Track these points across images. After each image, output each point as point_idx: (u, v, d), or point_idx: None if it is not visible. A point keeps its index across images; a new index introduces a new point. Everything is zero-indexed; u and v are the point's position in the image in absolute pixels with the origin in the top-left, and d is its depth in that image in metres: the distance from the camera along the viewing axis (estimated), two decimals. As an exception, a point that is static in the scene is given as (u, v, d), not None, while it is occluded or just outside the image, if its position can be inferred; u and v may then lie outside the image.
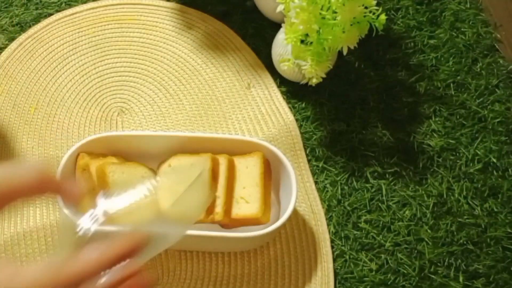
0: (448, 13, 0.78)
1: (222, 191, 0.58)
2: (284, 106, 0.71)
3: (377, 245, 0.64)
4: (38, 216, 0.63)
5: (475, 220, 0.65)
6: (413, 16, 0.78)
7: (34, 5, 0.76)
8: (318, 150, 0.69)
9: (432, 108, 0.72)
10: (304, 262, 0.63)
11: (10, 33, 0.74)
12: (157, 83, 0.72)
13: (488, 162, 0.69)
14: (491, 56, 0.76)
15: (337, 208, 0.66)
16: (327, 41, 0.62)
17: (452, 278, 0.62)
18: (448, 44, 0.76)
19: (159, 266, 0.62)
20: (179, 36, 0.75)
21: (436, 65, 0.75)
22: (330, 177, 0.67)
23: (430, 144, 0.70)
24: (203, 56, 0.74)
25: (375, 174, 0.67)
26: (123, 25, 0.76)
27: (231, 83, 0.72)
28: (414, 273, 0.62)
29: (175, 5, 0.77)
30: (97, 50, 0.74)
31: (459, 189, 0.67)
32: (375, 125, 0.70)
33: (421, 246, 0.64)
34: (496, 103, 0.72)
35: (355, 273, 0.62)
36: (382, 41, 0.75)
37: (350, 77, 0.73)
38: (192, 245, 0.61)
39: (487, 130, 0.71)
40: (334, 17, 0.60)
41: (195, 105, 0.71)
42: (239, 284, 0.61)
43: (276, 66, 0.72)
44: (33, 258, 0.61)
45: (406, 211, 0.66)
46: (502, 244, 0.64)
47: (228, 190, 0.58)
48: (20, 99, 0.70)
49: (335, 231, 0.64)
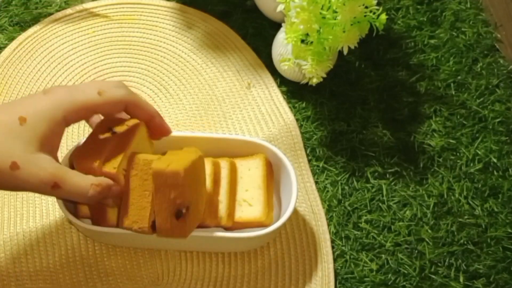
0: (448, 13, 0.78)
1: (225, 195, 0.58)
2: (284, 106, 0.71)
3: (378, 245, 0.64)
4: (38, 216, 0.63)
5: (475, 220, 0.65)
6: (413, 16, 0.78)
7: (34, 4, 0.76)
8: (319, 150, 0.68)
9: (432, 108, 0.72)
10: (304, 262, 0.62)
11: (9, 32, 0.74)
12: (157, 83, 0.72)
13: (489, 162, 0.69)
14: (492, 56, 0.76)
15: (337, 208, 0.65)
16: (328, 40, 0.61)
17: (452, 278, 0.62)
18: (449, 44, 0.76)
19: (159, 266, 0.61)
20: (179, 36, 0.75)
21: (437, 65, 0.75)
22: (330, 177, 0.67)
23: (431, 144, 0.69)
24: (203, 56, 0.74)
25: (376, 174, 0.67)
26: (123, 25, 0.75)
27: (231, 83, 0.72)
28: (415, 273, 0.62)
29: (175, 5, 0.77)
30: (97, 50, 0.74)
31: (460, 189, 0.67)
32: (375, 125, 0.70)
33: (421, 246, 0.64)
34: (496, 103, 0.72)
35: (356, 273, 0.62)
36: (383, 41, 0.75)
37: (350, 77, 0.73)
38: (192, 245, 0.61)
39: (488, 130, 0.71)
40: (335, 17, 0.60)
41: (195, 105, 0.71)
42: (239, 285, 0.61)
43: (277, 66, 0.72)
44: (33, 258, 0.61)
45: (407, 211, 0.65)
46: (502, 244, 0.64)
47: (231, 193, 0.58)
48: (20, 99, 0.70)
49: (336, 231, 0.64)
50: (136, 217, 0.51)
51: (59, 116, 0.48)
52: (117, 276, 0.61)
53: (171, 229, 0.50)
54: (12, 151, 0.46)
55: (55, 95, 0.49)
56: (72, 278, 0.60)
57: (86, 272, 0.61)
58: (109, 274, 0.61)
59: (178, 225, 0.50)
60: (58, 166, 0.48)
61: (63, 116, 0.48)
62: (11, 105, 0.49)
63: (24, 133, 0.46)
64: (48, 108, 0.48)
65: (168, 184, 0.49)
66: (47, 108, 0.48)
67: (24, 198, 0.64)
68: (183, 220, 0.50)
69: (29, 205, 0.64)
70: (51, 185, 0.47)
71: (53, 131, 0.48)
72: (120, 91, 0.51)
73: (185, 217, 0.50)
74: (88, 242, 0.62)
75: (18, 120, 0.47)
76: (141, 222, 0.51)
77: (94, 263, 0.61)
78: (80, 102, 0.49)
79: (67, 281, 0.60)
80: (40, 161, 0.47)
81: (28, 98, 0.49)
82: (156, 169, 0.49)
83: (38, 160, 0.47)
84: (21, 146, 0.46)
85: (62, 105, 0.48)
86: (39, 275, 0.60)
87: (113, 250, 0.62)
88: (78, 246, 0.62)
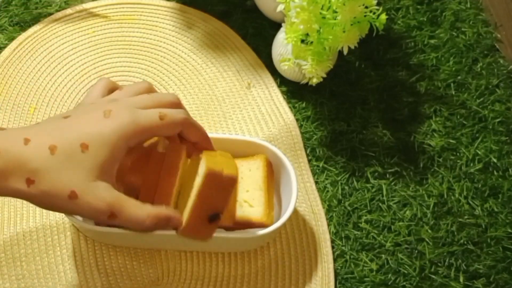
0: (448, 13, 0.78)
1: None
2: (284, 106, 0.71)
3: (378, 245, 0.64)
4: (38, 216, 0.63)
5: (475, 220, 0.65)
6: (413, 16, 0.78)
7: (34, 4, 0.76)
8: (319, 150, 0.68)
9: (432, 108, 0.72)
10: (304, 262, 0.62)
11: (9, 32, 0.74)
12: (157, 83, 0.72)
13: (489, 162, 0.69)
14: (492, 56, 0.76)
15: (337, 208, 0.65)
16: (328, 40, 0.61)
17: (452, 278, 0.62)
18: (449, 44, 0.76)
19: (159, 266, 0.61)
20: (179, 36, 0.75)
21: (437, 65, 0.75)
22: (330, 177, 0.67)
23: (431, 144, 0.69)
24: (203, 56, 0.74)
25: (376, 174, 0.67)
26: (123, 25, 0.75)
27: (231, 83, 0.72)
28: (415, 273, 0.62)
29: (175, 5, 0.77)
30: (97, 50, 0.74)
31: (460, 189, 0.67)
32: (375, 125, 0.70)
33: (421, 246, 0.64)
34: (496, 103, 0.72)
35: (356, 273, 0.62)
36: (383, 41, 0.75)
37: (350, 77, 0.73)
38: (192, 245, 0.61)
39: (488, 130, 0.71)
40: (335, 17, 0.60)
41: (195, 105, 0.71)
42: (239, 285, 0.61)
43: (277, 66, 0.72)
44: (33, 258, 0.61)
45: (407, 211, 0.65)
46: (502, 244, 0.64)
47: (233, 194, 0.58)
48: (20, 99, 0.70)
49: (336, 231, 0.64)
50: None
51: (122, 142, 0.46)
52: (117, 276, 0.61)
53: (199, 230, 0.51)
54: (72, 180, 0.45)
55: (118, 119, 0.47)
56: (72, 278, 0.60)
57: (86, 272, 0.61)
58: (109, 274, 0.61)
59: (207, 228, 0.51)
60: (116, 195, 0.46)
61: (125, 142, 0.47)
62: (68, 127, 0.46)
63: (85, 161, 0.45)
64: (110, 133, 0.46)
65: (219, 187, 0.49)
66: (109, 134, 0.46)
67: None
68: (214, 224, 0.50)
69: (29, 205, 0.64)
70: (108, 215, 0.46)
71: (114, 158, 0.46)
72: (180, 114, 0.50)
73: (217, 222, 0.50)
74: (88, 242, 0.62)
75: (80, 147, 0.45)
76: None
77: (94, 263, 0.61)
78: (143, 127, 0.47)
79: (68, 281, 0.60)
80: (99, 190, 0.45)
81: (87, 121, 0.47)
82: (212, 169, 0.49)
83: (97, 189, 0.45)
84: (82, 174, 0.45)
85: (124, 131, 0.46)
86: (39, 275, 0.60)
87: (113, 250, 0.62)
88: (78, 246, 0.62)
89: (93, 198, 0.45)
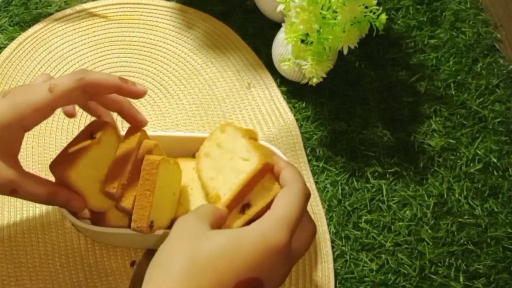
0: (448, 13, 0.78)
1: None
2: (284, 106, 0.71)
3: (378, 245, 0.64)
4: (38, 216, 0.63)
5: (475, 220, 0.65)
6: (413, 16, 0.78)
7: (34, 4, 0.76)
8: (319, 150, 0.68)
9: (432, 108, 0.72)
10: (304, 262, 0.62)
11: (9, 32, 0.74)
12: (157, 83, 0.72)
13: (489, 162, 0.69)
14: (492, 56, 0.76)
15: (337, 208, 0.65)
16: (328, 40, 0.61)
17: (452, 278, 0.62)
18: (449, 44, 0.76)
19: (159, 266, 0.61)
20: (179, 36, 0.75)
21: (437, 64, 0.75)
22: (330, 177, 0.67)
23: (431, 144, 0.69)
24: (203, 56, 0.74)
25: (376, 174, 0.67)
26: (123, 25, 0.75)
27: (231, 83, 0.72)
28: (415, 273, 0.62)
29: (175, 5, 0.77)
30: (97, 50, 0.74)
31: (460, 189, 0.67)
32: (375, 125, 0.70)
33: (421, 246, 0.64)
34: (496, 103, 0.72)
35: (356, 273, 0.62)
36: (383, 41, 0.75)
37: (350, 77, 0.73)
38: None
39: (488, 130, 0.71)
40: (335, 17, 0.60)
41: (195, 105, 0.71)
42: (239, 284, 0.61)
43: (277, 66, 0.72)
44: (33, 258, 0.61)
45: (407, 211, 0.65)
46: (502, 244, 0.64)
47: None
48: (20, 99, 0.70)
49: (336, 231, 0.64)
50: (135, 216, 0.51)
51: (15, 121, 0.47)
52: (117, 276, 0.61)
53: (231, 221, 0.52)
54: None
55: (11, 98, 0.47)
56: (72, 278, 0.60)
57: (86, 272, 0.61)
58: (109, 274, 0.61)
59: (236, 217, 0.52)
60: (14, 174, 0.48)
61: (18, 121, 0.47)
62: None
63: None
64: (3, 112, 0.47)
65: (264, 177, 0.51)
66: (2, 113, 0.47)
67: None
68: (243, 214, 0.52)
69: (29, 205, 0.64)
70: (10, 190, 0.48)
71: (10, 137, 0.47)
72: (69, 79, 0.48)
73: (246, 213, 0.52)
74: (88, 242, 0.62)
75: None
76: (139, 221, 0.51)
77: (94, 263, 0.61)
78: (34, 104, 0.47)
79: (67, 281, 0.60)
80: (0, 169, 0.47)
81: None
82: (267, 162, 0.51)
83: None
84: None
85: (17, 109, 0.47)
86: (39, 275, 0.60)
87: (113, 250, 0.62)
88: (78, 246, 0.62)
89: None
